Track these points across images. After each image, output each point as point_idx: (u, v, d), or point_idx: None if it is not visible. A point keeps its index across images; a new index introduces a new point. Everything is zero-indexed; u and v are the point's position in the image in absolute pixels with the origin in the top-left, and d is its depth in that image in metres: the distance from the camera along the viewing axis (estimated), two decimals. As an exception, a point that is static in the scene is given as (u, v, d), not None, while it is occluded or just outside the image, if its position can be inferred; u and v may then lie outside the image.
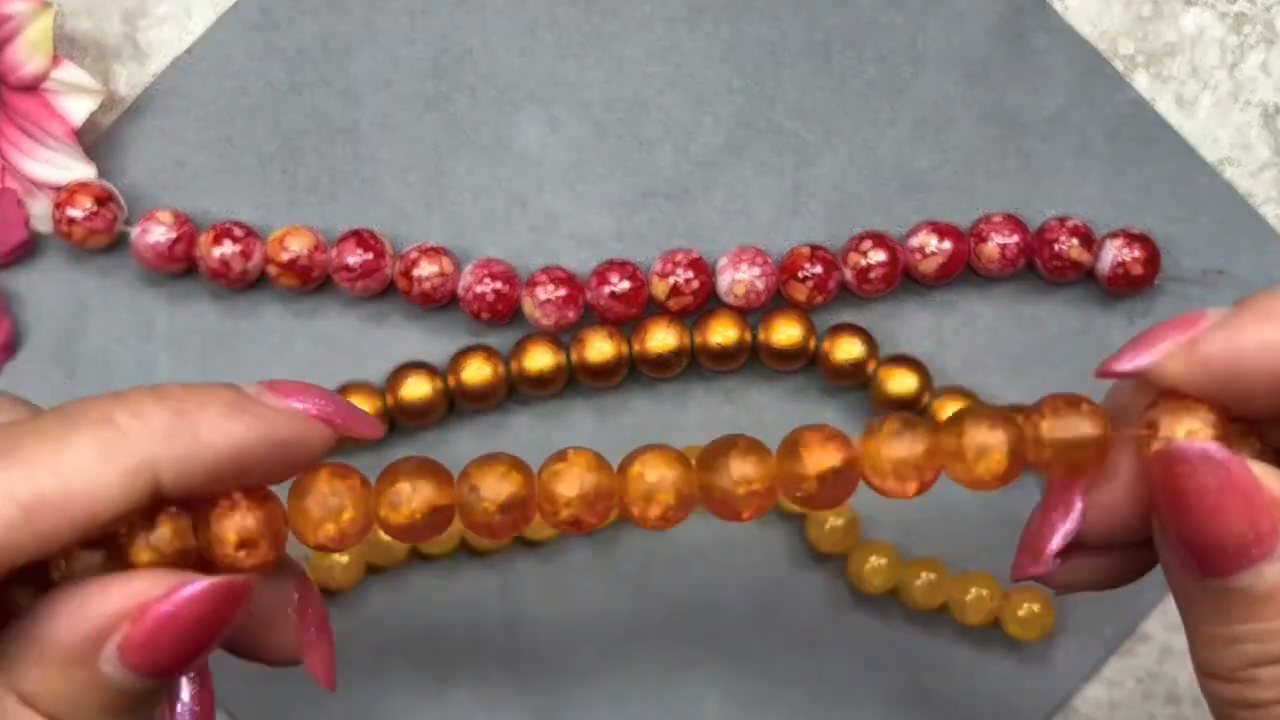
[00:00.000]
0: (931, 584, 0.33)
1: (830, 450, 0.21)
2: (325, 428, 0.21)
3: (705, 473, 0.22)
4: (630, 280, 0.33)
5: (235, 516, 0.21)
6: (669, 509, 0.22)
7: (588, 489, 0.21)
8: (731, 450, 0.22)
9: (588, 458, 0.22)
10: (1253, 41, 0.35)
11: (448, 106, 0.35)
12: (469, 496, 0.22)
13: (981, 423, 0.21)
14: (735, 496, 0.21)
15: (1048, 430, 0.21)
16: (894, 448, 0.21)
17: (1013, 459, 0.21)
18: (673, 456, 0.22)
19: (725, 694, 0.34)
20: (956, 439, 0.21)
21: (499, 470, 0.22)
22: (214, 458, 0.20)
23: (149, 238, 0.33)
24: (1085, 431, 0.21)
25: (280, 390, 0.21)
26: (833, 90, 0.35)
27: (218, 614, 0.20)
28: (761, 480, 0.21)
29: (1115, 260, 0.33)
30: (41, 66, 0.33)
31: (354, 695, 0.34)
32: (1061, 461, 0.21)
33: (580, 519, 0.22)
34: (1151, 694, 0.35)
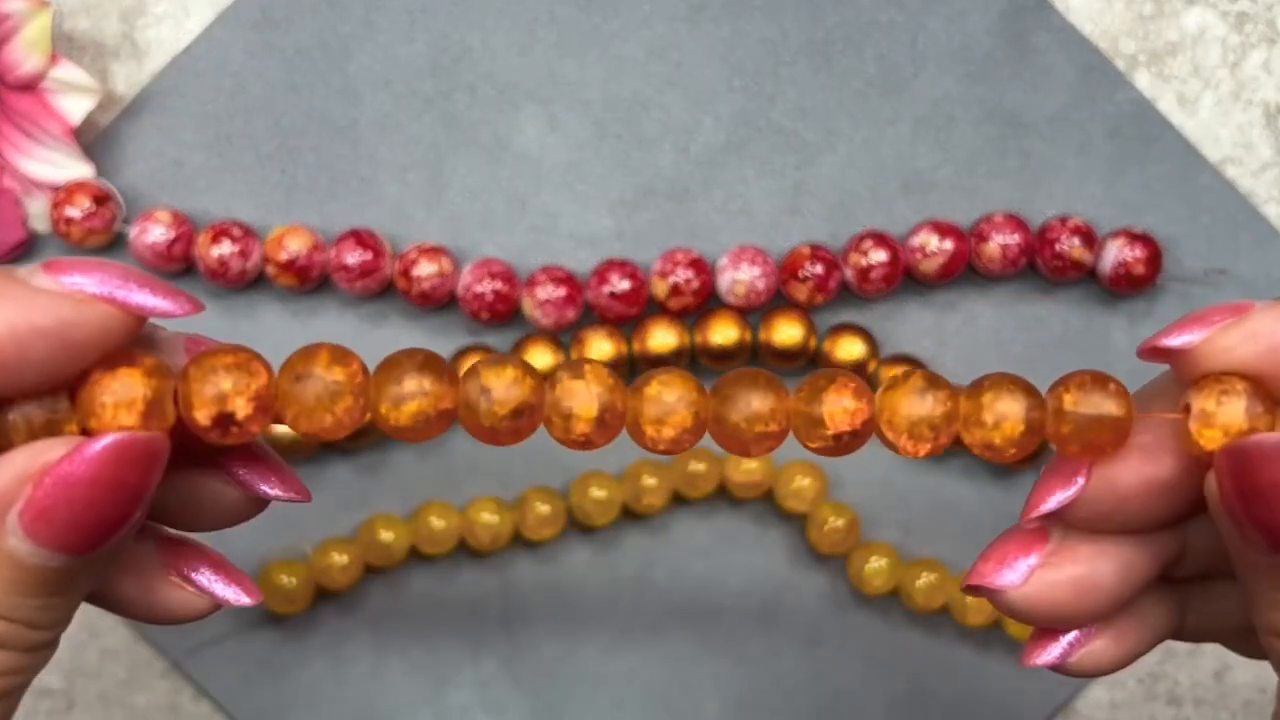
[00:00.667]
0: (932, 585, 0.33)
1: (850, 401, 0.21)
2: (105, 307, 0.19)
3: (721, 403, 0.21)
4: (630, 280, 0.33)
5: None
6: (683, 432, 0.21)
7: (602, 404, 0.20)
8: (753, 385, 0.21)
9: (602, 372, 0.21)
10: (1254, 41, 0.35)
11: (447, 106, 0.34)
12: (478, 397, 0.20)
13: (1004, 389, 0.21)
14: (748, 433, 0.21)
15: (1070, 404, 0.20)
16: (914, 405, 0.21)
17: (1030, 428, 0.21)
18: (690, 380, 0.21)
19: (725, 695, 0.34)
20: (976, 403, 0.21)
21: (510, 374, 0.20)
22: None
23: (147, 237, 0.33)
24: (1109, 410, 0.20)
25: (55, 268, 0.19)
26: (833, 89, 0.35)
27: (121, 475, 0.18)
28: (777, 420, 0.21)
29: (1117, 260, 0.33)
30: (39, 65, 0.33)
31: (353, 695, 0.34)
32: (1080, 438, 0.21)
33: (590, 438, 0.21)
34: (1153, 695, 0.35)
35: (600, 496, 0.33)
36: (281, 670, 0.34)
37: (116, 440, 0.18)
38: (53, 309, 0.19)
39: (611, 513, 0.34)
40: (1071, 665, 0.22)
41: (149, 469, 0.19)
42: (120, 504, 0.19)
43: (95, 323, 0.19)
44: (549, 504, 0.34)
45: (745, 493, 0.34)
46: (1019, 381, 0.21)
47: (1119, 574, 0.21)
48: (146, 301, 0.19)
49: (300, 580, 0.33)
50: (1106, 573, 0.21)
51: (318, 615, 0.34)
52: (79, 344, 0.19)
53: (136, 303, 0.19)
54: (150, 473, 0.19)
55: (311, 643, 0.34)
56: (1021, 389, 0.21)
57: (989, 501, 0.34)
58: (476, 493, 0.34)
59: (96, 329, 0.19)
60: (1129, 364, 0.34)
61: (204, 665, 0.34)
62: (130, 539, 0.20)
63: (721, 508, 0.35)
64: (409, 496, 0.34)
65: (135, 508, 0.19)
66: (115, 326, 0.19)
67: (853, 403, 0.21)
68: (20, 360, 0.18)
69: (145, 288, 0.19)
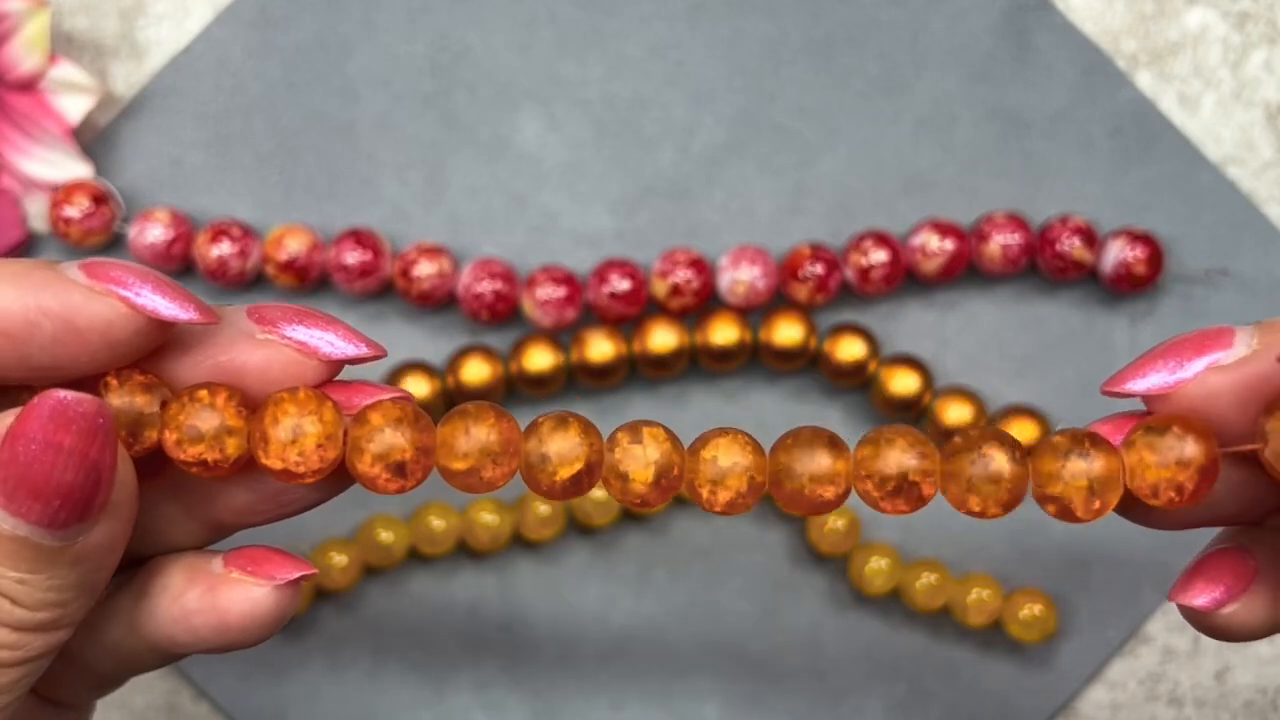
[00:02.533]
0: (933, 586, 0.33)
1: (915, 461, 0.21)
2: (114, 301, 0.20)
3: (779, 466, 0.21)
4: (630, 280, 0.33)
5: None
6: (738, 495, 0.21)
7: (659, 469, 0.21)
8: (811, 446, 0.21)
9: (660, 434, 0.21)
10: (1255, 40, 0.35)
11: (446, 105, 0.34)
12: (539, 462, 0.21)
13: (1074, 445, 0.20)
14: (809, 497, 0.21)
15: (1151, 458, 0.20)
16: (985, 469, 0.21)
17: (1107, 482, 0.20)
18: (747, 443, 0.21)
19: (726, 696, 0.34)
20: (1048, 461, 0.20)
21: (573, 438, 0.21)
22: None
23: (146, 237, 0.33)
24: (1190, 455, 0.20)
25: (91, 268, 0.20)
26: (834, 88, 0.34)
27: (59, 437, 0.19)
28: (837, 484, 0.21)
29: (1118, 259, 0.33)
30: (38, 65, 0.33)
31: (352, 696, 0.34)
32: (1170, 486, 0.20)
33: (646, 499, 0.21)
34: (1154, 696, 0.35)
35: (600, 497, 0.33)
36: (280, 671, 0.34)
37: (51, 401, 0.19)
38: (63, 294, 0.20)
39: (611, 513, 0.34)
40: (1220, 618, 0.21)
41: (89, 435, 0.19)
42: (69, 469, 0.19)
43: (101, 315, 0.20)
44: (549, 504, 0.34)
45: (745, 493, 0.34)
46: (1080, 433, 0.20)
47: (1226, 488, 0.21)
48: (153, 304, 0.20)
49: (299, 581, 0.33)
50: (1218, 483, 0.21)
51: (317, 616, 0.34)
52: (82, 331, 0.20)
53: (142, 303, 0.20)
54: (92, 439, 0.19)
55: (311, 643, 0.34)
56: (1084, 438, 0.20)
57: (990, 502, 0.34)
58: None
59: (101, 320, 0.20)
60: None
61: (203, 666, 0.34)
62: (117, 534, 0.20)
63: (722, 508, 0.35)
64: (408, 497, 0.34)
65: (84, 475, 0.19)
66: (121, 322, 0.20)
67: (918, 463, 0.21)
68: (27, 339, 0.20)
69: (158, 290, 0.20)
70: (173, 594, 0.22)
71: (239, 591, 0.22)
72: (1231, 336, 0.21)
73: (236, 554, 0.22)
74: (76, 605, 0.20)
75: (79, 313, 0.20)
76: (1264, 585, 0.21)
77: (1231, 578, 0.21)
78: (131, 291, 0.20)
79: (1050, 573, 0.34)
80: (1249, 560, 0.21)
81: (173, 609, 0.22)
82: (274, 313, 0.21)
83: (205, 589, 0.22)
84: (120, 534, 0.20)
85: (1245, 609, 0.21)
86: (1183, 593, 0.22)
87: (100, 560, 0.20)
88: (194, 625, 0.22)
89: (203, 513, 0.22)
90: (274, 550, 0.22)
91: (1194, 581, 0.22)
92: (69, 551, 0.20)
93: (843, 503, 0.21)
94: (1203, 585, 0.21)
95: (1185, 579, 0.22)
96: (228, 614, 0.21)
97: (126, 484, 0.20)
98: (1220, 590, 0.21)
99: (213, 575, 0.22)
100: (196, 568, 0.22)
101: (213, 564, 0.22)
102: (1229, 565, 0.21)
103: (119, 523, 0.20)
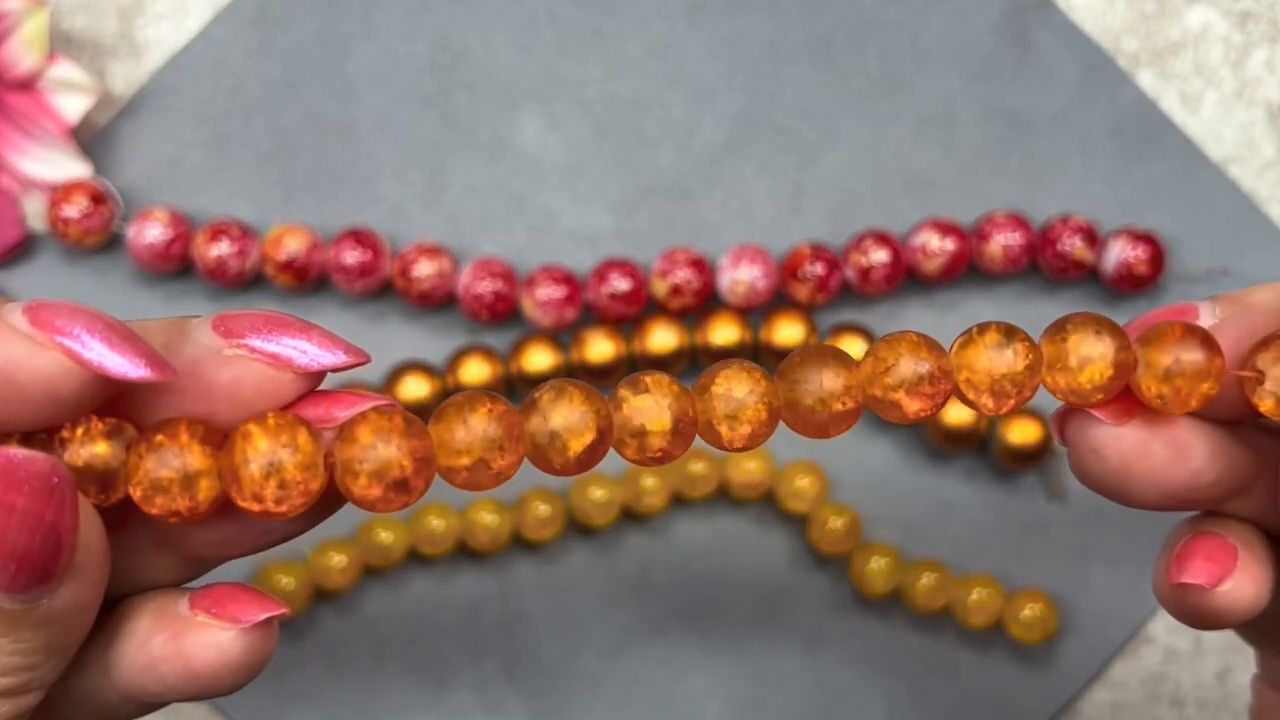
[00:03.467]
0: (934, 586, 0.33)
1: (927, 364, 0.20)
2: (59, 355, 0.18)
3: (790, 388, 0.20)
4: (630, 280, 0.33)
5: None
6: (759, 425, 0.20)
7: (675, 415, 0.19)
8: (821, 363, 0.20)
9: (664, 380, 0.20)
10: (1257, 39, 0.35)
11: (446, 104, 0.34)
12: (542, 438, 0.19)
13: (1089, 330, 0.20)
14: (824, 414, 0.20)
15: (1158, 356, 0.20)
16: (994, 361, 0.20)
17: (1118, 370, 0.20)
18: (755, 370, 0.20)
19: (726, 696, 0.34)
20: (1060, 348, 0.20)
21: (578, 404, 0.19)
22: None
23: (145, 237, 0.33)
24: (1198, 360, 0.20)
25: (36, 313, 0.18)
26: (834, 88, 0.34)
27: (13, 497, 0.17)
28: (852, 395, 0.20)
29: (1120, 259, 0.33)
30: (37, 64, 0.33)
31: (351, 696, 0.34)
32: (1170, 385, 0.20)
33: (668, 451, 0.20)
34: (1155, 696, 0.34)
35: (600, 497, 0.33)
36: (280, 671, 0.34)
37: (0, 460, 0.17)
38: (3, 346, 0.18)
39: (611, 513, 0.34)
40: (1218, 595, 0.21)
41: (44, 495, 0.18)
42: (24, 532, 0.18)
43: (44, 370, 0.18)
44: (549, 505, 0.33)
45: (746, 494, 0.34)
46: (1104, 322, 0.20)
47: (1208, 458, 0.21)
48: (99, 358, 0.18)
49: (299, 581, 0.33)
50: (1199, 449, 0.21)
51: (316, 616, 0.34)
52: (22, 387, 0.18)
53: (89, 358, 0.18)
54: (47, 500, 0.18)
55: (310, 644, 0.34)
56: (1108, 329, 0.20)
57: (990, 503, 0.34)
58: (476, 493, 0.34)
59: (43, 375, 0.18)
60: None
61: (202, 666, 0.34)
62: (84, 610, 0.19)
63: (722, 509, 0.34)
64: (408, 497, 0.34)
65: (41, 538, 0.18)
66: (66, 378, 0.18)
67: (930, 365, 0.20)
68: None
69: (107, 342, 0.18)
70: (139, 640, 0.20)
71: (205, 636, 0.20)
72: (1196, 311, 0.21)
73: (202, 594, 0.20)
74: (47, 668, 0.19)
75: (19, 367, 0.18)
76: (1244, 564, 0.21)
77: (1222, 554, 0.21)
78: (78, 344, 0.18)
79: (1051, 573, 0.34)
80: (1227, 540, 0.22)
81: (139, 656, 0.20)
82: (241, 323, 0.19)
83: (170, 635, 0.20)
84: (90, 595, 0.19)
85: (1237, 586, 0.21)
86: (1182, 572, 0.21)
87: (69, 622, 0.19)
88: (162, 674, 0.20)
89: (179, 548, 0.21)
90: (241, 588, 0.20)
91: (1191, 561, 0.22)
92: (33, 614, 0.18)
93: (858, 417, 0.20)
94: (1200, 563, 0.21)
95: (1179, 561, 0.22)
96: (194, 660, 0.20)
97: (92, 545, 0.18)
98: (1216, 566, 0.21)
99: (178, 619, 0.20)
100: (164, 611, 0.20)
101: (179, 605, 0.20)
102: (1214, 545, 0.22)
103: (87, 584, 0.19)
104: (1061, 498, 0.34)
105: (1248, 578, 0.21)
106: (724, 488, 0.34)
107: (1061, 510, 0.34)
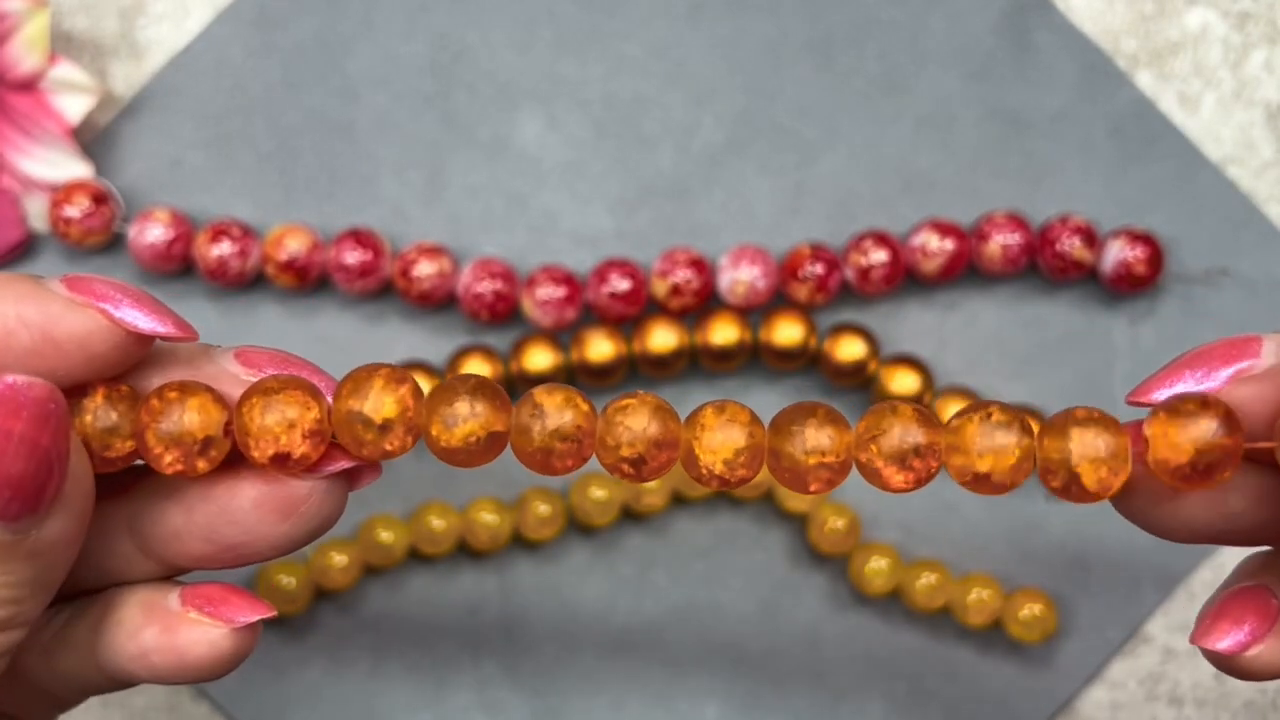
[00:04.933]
0: (933, 586, 0.33)
1: (921, 436, 0.20)
2: (93, 313, 0.20)
3: (777, 437, 0.21)
4: (630, 280, 0.33)
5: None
6: (738, 466, 0.20)
7: (654, 433, 0.20)
8: (809, 419, 0.20)
9: (655, 401, 0.21)
10: (1256, 40, 0.35)
11: (446, 104, 0.34)
12: (529, 420, 0.20)
13: (1090, 425, 0.20)
14: (805, 467, 0.20)
15: (1177, 434, 0.19)
16: (991, 440, 0.20)
17: (1120, 467, 0.20)
18: (745, 412, 0.21)
19: (725, 696, 0.34)
20: (1061, 439, 0.20)
21: (560, 397, 0.21)
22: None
23: (146, 237, 0.33)
24: (1210, 437, 0.19)
25: (72, 282, 0.20)
26: (834, 88, 0.34)
27: (11, 423, 0.19)
28: (835, 453, 0.20)
29: (1118, 259, 0.33)
30: (38, 65, 0.33)
31: (352, 696, 0.34)
32: (1185, 475, 0.20)
33: (645, 458, 0.20)
34: (1154, 696, 0.35)
35: (600, 496, 0.33)
36: (280, 671, 0.34)
37: (0, 386, 0.19)
38: (43, 304, 0.20)
39: (611, 513, 0.34)
40: (1245, 659, 0.21)
41: (41, 421, 0.19)
42: (20, 458, 0.19)
43: (80, 326, 0.20)
44: (549, 504, 0.34)
45: (746, 493, 0.34)
46: (1104, 416, 0.20)
47: (1247, 500, 0.21)
48: (131, 318, 0.20)
49: (299, 581, 0.33)
50: (1237, 493, 0.20)
51: (317, 616, 0.34)
52: (60, 343, 0.20)
53: (120, 316, 0.20)
54: (44, 426, 0.19)
55: (310, 643, 0.34)
56: (1107, 425, 0.20)
57: (989, 502, 0.34)
58: (476, 493, 0.34)
59: (80, 331, 0.20)
60: (1130, 364, 0.34)
61: (203, 666, 0.34)
62: (73, 530, 0.20)
63: (721, 508, 0.34)
64: (408, 496, 0.34)
65: (36, 464, 0.19)
66: (100, 334, 0.20)
67: (924, 438, 0.20)
68: (3, 349, 0.20)
69: (137, 305, 0.20)
70: (129, 630, 0.21)
71: (198, 633, 0.21)
72: (1259, 345, 0.20)
73: (194, 591, 0.22)
74: (32, 603, 0.20)
75: (57, 324, 0.20)
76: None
77: (1255, 619, 0.21)
78: (111, 305, 0.20)
79: (1050, 573, 0.34)
80: (1271, 600, 0.21)
81: (129, 645, 0.21)
82: (261, 357, 0.22)
83: (162, 628, 0.21)
84: (75, 529, 0.20)
85: (1269, 649, 0.21)
86: (1206, 636, 0.21)
87: (56, 556, 0.20)
88: (152, 663, 0.21)
89: (159, 555, 0.22)
90: (231, 590, 0.22)
91: (1218, 624, 0.21)
92: (23, 546, 0.19)
93: (843, 478, 0.21)
94: (1226, 626, 0.21)
95: (1208, 621, 0.21)
96: (186, 654, 0.21)
97: (80, 477, 0.20)
98: (1245, 633, 0.21)
99: (170, 613, 0.21)
100: (153, 604, 0.22)
101: (169, 599, 0.22)
102: (1252, 606, 0.21)
103: (73, 517, 0.20)
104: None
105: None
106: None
107: (1061, 510, 0.34)
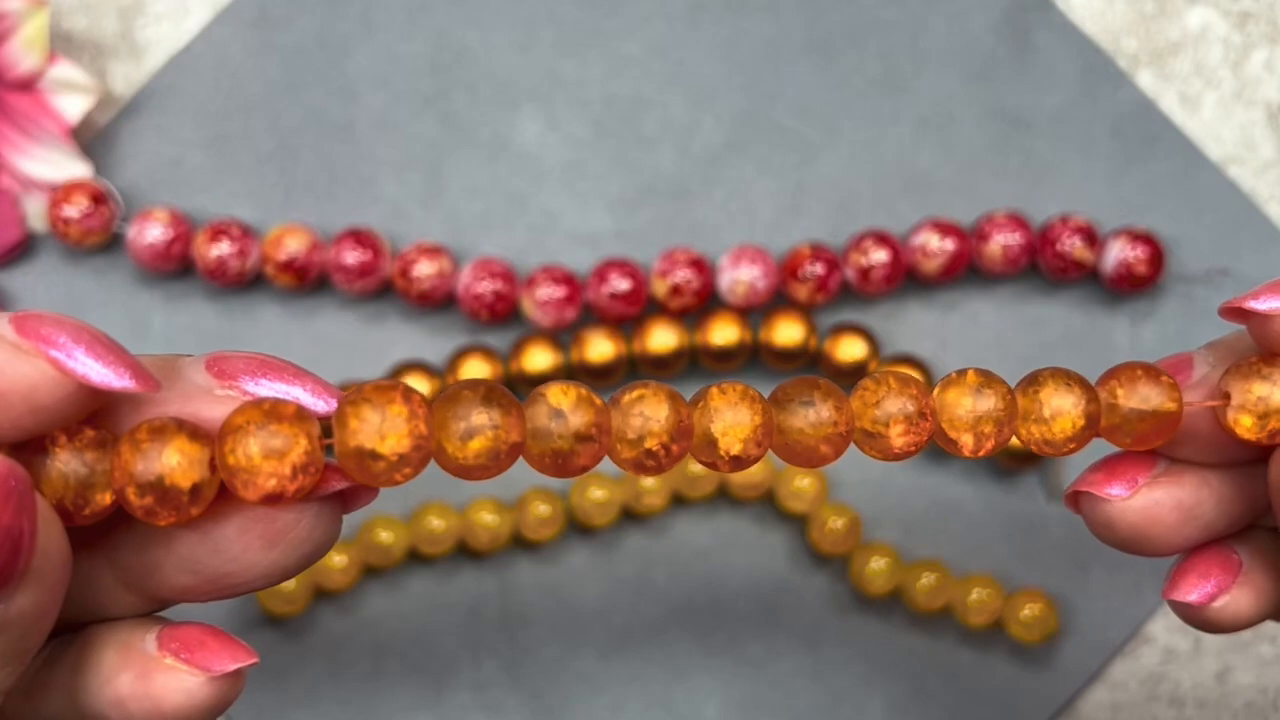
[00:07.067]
0: (933, 586, 0.33)
1: (908, 397, 0.21)
2: (42, 363, 0.18)
3: (781, 413, 0.21)
4: (630, 280, 0.33)
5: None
6: (753, 444, 0.20)
7: (675, 420, 0.20)
8: (813, 392, 0.21)
9: (667, 388, 0.20)
10: (1256, 40, 0.35)
11: (446, 105, 0.34)
12: (547, 423, 0.19)
13: (1059, 384, 0.21)
14: (812, 440, 0.21)
15: (1123, 399, 0.21)
16: (976, 402, 0.21)
17: (1088, 422, 0.21)
18: (750, 389, 0.21)
19: (725, 697, 0.34)
20: (1034, 399, 0.21)
21: (574, 395, 0.20)
22: None
23: (145, 237, 0.33)
24: (1159, 404, 0.21)
25: (22, 323, 0.18)
26: (834, 88, 0.34)
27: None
28: (840, 423, 0.21)
29: (1119, 259, 0.33)
30: (37, 64, 0.33)
31: (352, 696, 0.34)
32: (1131, 431, 0.21)
33: (669, 449, 0.20)
34: (1155, 696, 0.34)
35: (600, 497, 0.33)
36: (280, 671, 0.34)
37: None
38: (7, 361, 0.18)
39: (611, 513, 0.34)
40: (1212, 611, 0.22)
41: (1, 499, 0.17)
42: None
43: (26, 376, 0.18)
44: (548, 505, 0.33)
45: (746, 494, 0.34)
46: (1073, 376, 0.21)
47: (1218, 508, 0.22)
48: (84, 368, 0.18)
49: (298, 581, 0.33)
50: (1208, 503, 0.22)
51: (316, 616, 0.34)
52: (3, 394, 0.18)
53: (72, 367, 0.18)
54: (4, 504, 0.17)
55: (310, 644, 0.34)
56: (1077, 383, 0.21)
57: (989, 502, 0.34)
58: (476, 493, 0.34)
59: (25, 382, 0.18)
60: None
61: (202, 666, 0.34)
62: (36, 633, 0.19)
63: (722, 509, 0.34)
64: (408, 497, 0.34)
65: (11, 542, 0.17)
66: (47, 386, 0.18)
67: (914, 404, 0.21)
68: None
69: (92, 353, 0.18)
70: (104, 676, 0.20)
71: (173, 681, 0.20)
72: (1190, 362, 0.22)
73: (171, 634, 0.20)
74: (4, 673, 0.19)
75: (0, 373, 0.18)
76: (1249, 577, 0.22)
77: (1219, 572, 0.22)
78: (62, 353, 0.18)
79: (1051, 573, 0.34)
80: (1233, 554, 0.22)
81: (105, 691, 0.20)
82: (235, 365, 0.20)
83: (138, 674, 0.20)
84: (48, 602, 0.19)
85: (1235, 601, 0.22)
86: (1175, 589, 0.22)
87: (26, 628, 0.19)
88: (129, 711, 0.20)
89: (141, 588, 0.21)
90: (211, 633, 0.20)
91: (1186, 578, 0.22)
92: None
93: (843, 449, 0.21)
94: (1194, 580, 0.22)
95: (1176, 576, 0.23)
96: (162, 703, 0.20)
97: (51, 552, 0.18)
98: (1211, 584, 0.22)
99: (146, 657, 0.20)
100: (129, 647, 0.20)
101: (146, 642, 0.20)
102: (1216, 561, 0.22)
103: (45, 591, 0.18)
104: (1061, 497, 0.34)
105: (1249, 591, 0.22)
106: (724, 488, 0.34)
107: (1061, 510, 0.34)
